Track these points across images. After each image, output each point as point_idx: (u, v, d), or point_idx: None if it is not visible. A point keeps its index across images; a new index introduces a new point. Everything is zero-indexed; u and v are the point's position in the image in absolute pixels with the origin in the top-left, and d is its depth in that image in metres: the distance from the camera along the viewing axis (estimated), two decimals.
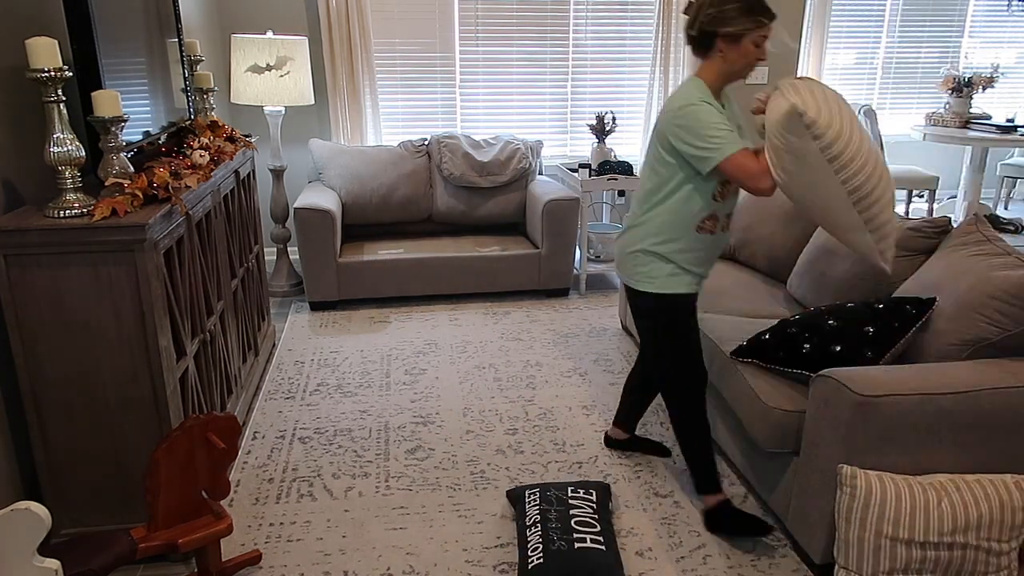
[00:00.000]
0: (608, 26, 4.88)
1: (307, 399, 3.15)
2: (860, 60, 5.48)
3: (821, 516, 2.05)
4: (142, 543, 1.86)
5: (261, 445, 2.80)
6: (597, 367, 3.46)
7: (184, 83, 2.92)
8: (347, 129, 4.62)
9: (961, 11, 5.47)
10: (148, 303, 1.96)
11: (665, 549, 2.24)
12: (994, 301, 2.06)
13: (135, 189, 1.99)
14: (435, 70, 4.79)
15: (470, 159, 4.41)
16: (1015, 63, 5.74)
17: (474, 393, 3.21)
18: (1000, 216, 5.67)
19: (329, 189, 4.32)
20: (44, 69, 1.81)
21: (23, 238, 1.85)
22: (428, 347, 3.67)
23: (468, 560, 2.19)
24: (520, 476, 2.60)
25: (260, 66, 3.93)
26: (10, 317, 1.91)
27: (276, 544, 2.25)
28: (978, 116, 5.24)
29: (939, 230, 2.46)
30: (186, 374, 2.28)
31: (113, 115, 1.98)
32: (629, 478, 2.60)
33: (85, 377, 2.00)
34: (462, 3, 4.68)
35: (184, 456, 1.93)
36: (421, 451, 2.76)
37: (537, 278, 4.26)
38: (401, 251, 4.19)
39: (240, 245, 3.11)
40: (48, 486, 2.08)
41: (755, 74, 5.06)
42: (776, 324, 2.38)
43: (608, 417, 3.00)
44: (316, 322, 3.99)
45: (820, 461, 2.03)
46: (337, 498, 2.48)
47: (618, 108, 5.03)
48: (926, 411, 1.93)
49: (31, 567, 1.48)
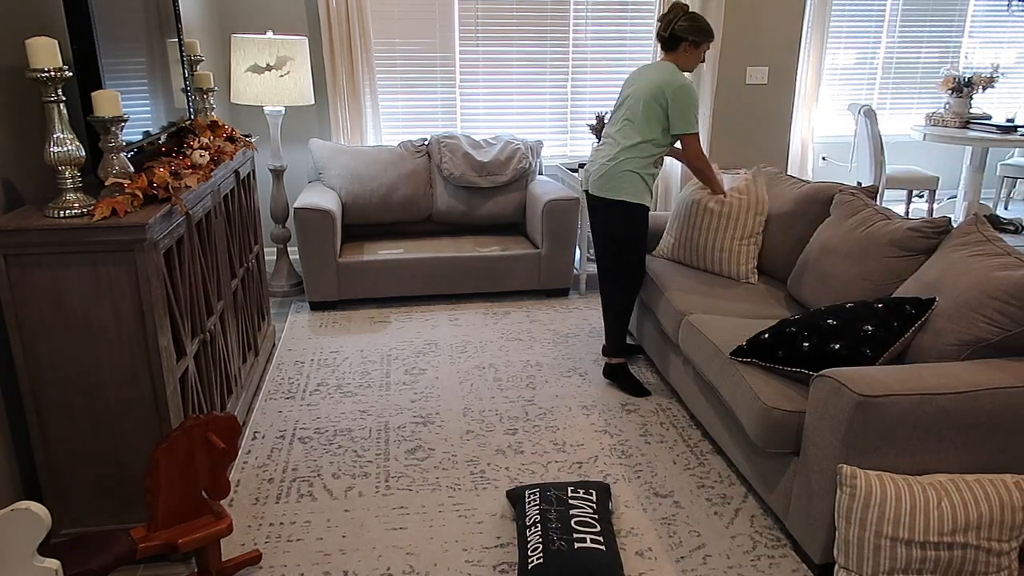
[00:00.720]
0: (608, 26, 4.88)
1: (307, 399, 3.15)
2: (860, 60, 5.48)
3: (821, 516, 2.05)
4: (142, 543, 1.86)
5: (261, 445, 2.80)
6: (597, 367, 3.46)
7: (184, 83, 2.92)
8: (347, 129, 4.62)
9: (961, 11, 5.48)
10: (148, 303, 1.96)
11: (665, 549, 2.24)
12: (994, 301, 2.07)
13: (135, 189, 1.99)
14: (435, 70, 4.79)
15: (470, 159, 4.41)
16: (1015, 63, 5.74)
17: (474, 393, 3.21)
18: (1000, 216, 5.67)
19: (329, 189, 4.32)
20: (44, 69, 1.81)
21: (23, 238, 1.85)
22: (428, 347, 3.67)
23: (468, 560, 2.19)
24: (520, 476, 2.60)
25: (260, 66, 3.93)
26: (10, 317, 1.91)
27: (276, 544, 2.26)
28: (978, 116, 5.24)
29: (939, 230, 2.45)
30: (186, 374, 2.28)
31: (113, 115, 1.97)
32: (629, 478, 2.60)
33: (85, 377, 2.00)
34: (462, 3, 4.68)
35: (184, 456, 1.93)
36: (421, 451, 2.76)
37: (537, 278, 4.26)
38: (401, 251, 4.19)
39: (240, 245, 3.11)
40: (48, 486, 2.08)
41: (755, 74, 5.06)
42: (775, 324, 2.38)
43: (608, 417, 3.00)
44: (316, 322, 3.99)
45: (820, 461, 2.03)
46: (337, 498, 2.48)
47: None
48: (926, 411, 1.93)
49: (31, 567, 1.48)
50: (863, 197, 2.91)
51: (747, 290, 3.15)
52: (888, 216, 2.71)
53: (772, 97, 5.16)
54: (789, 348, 2.29)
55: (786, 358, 2.30)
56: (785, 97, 5.17)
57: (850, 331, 2.21)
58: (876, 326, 2.19)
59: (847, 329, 2.22)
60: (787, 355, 2.30)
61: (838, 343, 2.21)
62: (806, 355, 2.25)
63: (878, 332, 2.18)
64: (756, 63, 5.07)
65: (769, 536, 2.31)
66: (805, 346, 2.26)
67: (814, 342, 2.24)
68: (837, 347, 2.20)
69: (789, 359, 2.29)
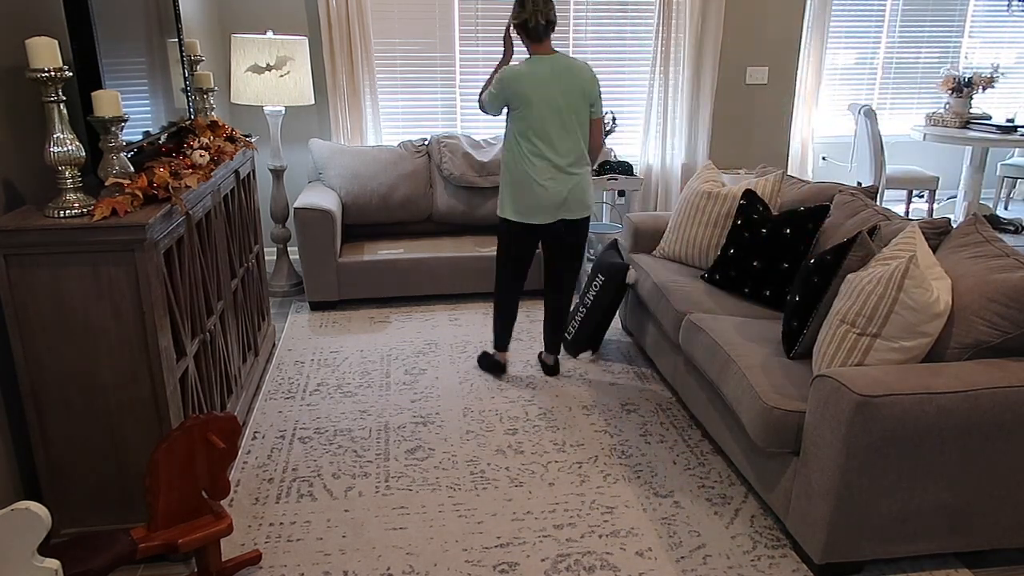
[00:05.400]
0: (608, 26, 4.88)
1: (307, 399, 3.15)
2: (860, 60, 5.47)
3: (821, 516, 2.05)
4: (142, 543, 1.86)
5: (261, 445, 2.80)
6: (597, 367, 3.46)
7: (184, 83, 2.92)
8: (347, 129, 4.62)
9: (961, 11, 5.47)
10: (148, 303, 1.96)
11: (665, 549, 2.24)
12: (993, 304, 2.06)
13: (135, 189, 1.99)
14: (435, 70, 4.79)
15: (470, 159, 4.41)
16: (1015, 63, 5.74)
17: (474, 393, 3.21)
18: (1000, 216, 5.67)
19: (329, 189, 4.32)
20: (44, 69, 1.81)
21: (23, 238, 1.85)
22: (428, 347, 3.67)
23: (468, 560, 2.19)
24: (520, 476, 2.60)
25: (260, 66, 3.93)
26: (10, 317, 1.91)
27: (276, 544, 2.26)
28: (978, 116, 5.24)
29: (939, 231, 2.45)
30: (186, 374, 2.28)
31: (113, 115, 1.97)
32: (629, 478, 2.60)
33: (85, 377, 2.00)
34: (462, 3, 4.68)
35: (184, 456, 1.93)
36: (421, 451, 2.76)
37: (537, 278, 4.26)
38: (401, 251, 4.19)
39: (240, 245, 3.11)
40: (48, 486, 2.08)
41: (755, 74, 5.06)
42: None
43: (608, 417, 3.00)
44: (316, 322, 3.99)
45: (820, 461, 2.03)
46: (337, 498, 2.48)
47: (618, 108, 5.03)
48: (926, 411, 1.93)
49: (31, 567, 1.48)
50: (863, 197, 2.91)
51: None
52: (888, 216, 2.71)
53: (772, 97, 5.16)
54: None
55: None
56: (785, 97, 5.17)
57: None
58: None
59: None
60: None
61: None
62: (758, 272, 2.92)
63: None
64: (756, 63, 5.07)
65: (769, 536, 2.31)
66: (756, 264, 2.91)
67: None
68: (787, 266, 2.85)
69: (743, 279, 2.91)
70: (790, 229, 2.93)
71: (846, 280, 2.29)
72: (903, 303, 2.07)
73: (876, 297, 2.12)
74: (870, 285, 2.15)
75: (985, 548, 2.14)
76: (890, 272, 2.10)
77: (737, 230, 3.09)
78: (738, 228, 3.09)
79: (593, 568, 2.16)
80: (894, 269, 2.09)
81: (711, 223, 3.29)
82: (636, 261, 3.53)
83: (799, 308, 2.47)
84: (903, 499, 2.03)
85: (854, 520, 2.03)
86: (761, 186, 3.25)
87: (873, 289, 2.14)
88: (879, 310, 2.11)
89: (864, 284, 2.18)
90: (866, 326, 2.14)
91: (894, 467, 1.98)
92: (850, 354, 2.17)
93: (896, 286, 2.07)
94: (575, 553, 2.22)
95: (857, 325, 2.16)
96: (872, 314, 2.12)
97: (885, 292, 2.10)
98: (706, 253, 3.33)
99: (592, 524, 2.35)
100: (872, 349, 2.13)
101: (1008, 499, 2.08)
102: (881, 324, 2.11)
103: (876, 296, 2.12)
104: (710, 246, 3.31)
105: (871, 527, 2.05)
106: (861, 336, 2.15)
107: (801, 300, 2.47)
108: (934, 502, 2.04)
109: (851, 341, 2.17)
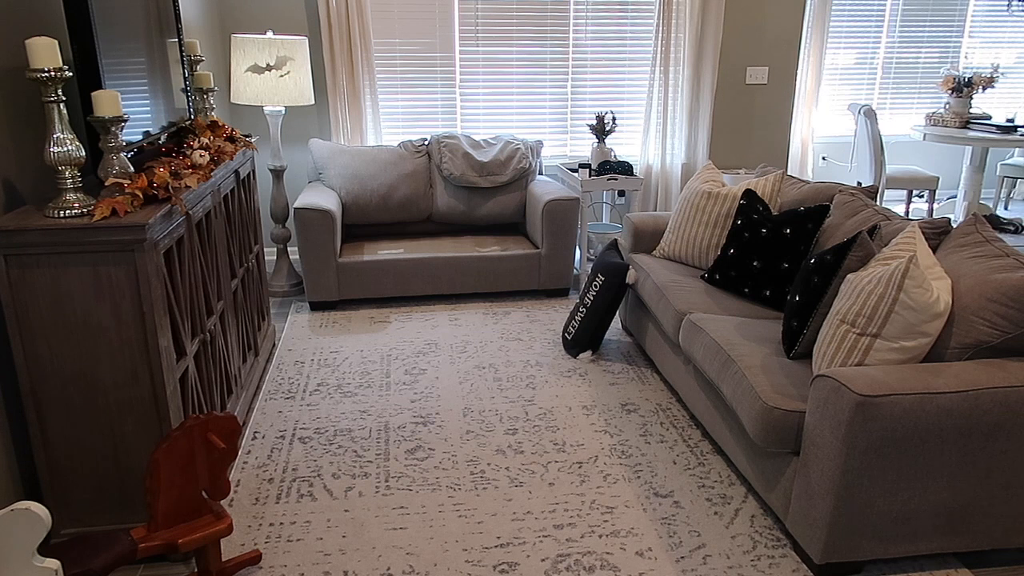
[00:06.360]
0: (608, 26, 4.88)
1: (307, 399, 3.15)
2: (860, 60, 5.47)
3: (821, 516, 2.05)
4: (142, 543, 1.86)
5: (261, 445, 2.80)
6: (597, 367, 3.46)
7: (184, 83, 2.92)
8: (347, 129, 4.62)
9: (961, 11, 5.47)
10: (148, 303, 1.96)
11: (665, 549, 2.24)
12: (993, 304, 2.06)
13: (135, 189, 1.99)
14: (435, 70, 4.79)
15: (470, 159, 4.41)
16: (1015, 63, 5.74)
17: (474, 393, 3.21)
18: (1000, 216, 5.67)
19: (329, 189, 4.32)
20: (44, 69, 1.81)
21: (23, 238, 1.85)
22: (428, 347, 3.67)
23: (468, 560, 2.19)
24: (520, 476, 2.60)
25: (260, 66, 3.93)
26: (10, 317, 1.91)
27: (276, 544, 2.26)
28: (978, 116, 5.24)
29: (939, 231, 2.45)
30: (186, 374, 2.28)
31: (113, 115, 1.98)
32: (629, 478, 2.60)
33: (85, 377, 2.00)
34: (462, 3, 4.68)
35: (184, 456, 1.93)
36: (421, 451, 2.76)
37: (537, 278, 4.26)
38: (401, 251, 4.19)
39: (240, 245, 3.11)
40: (48, 486, 2.08)
41: (755, 74, 5.06)
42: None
43: (608, 417, 3.00)
44: (316, 322, 3.99)
45: (820, 461, 2.03)
46: (337, 498, 2.48)
47: (618, 108, 5.03)
48: (926, 411, 1.93)
49: (31, 567, 1.48)
50: (863, 197, 2.91)
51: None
52: (888, 216, 2.71)
53: (772, 97, 5.16)
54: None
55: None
56: (785, 97, 5.17)
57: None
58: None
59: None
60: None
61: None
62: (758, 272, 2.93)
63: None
64: (756, 63, 5.07)
65: (769, 536, 2.31)
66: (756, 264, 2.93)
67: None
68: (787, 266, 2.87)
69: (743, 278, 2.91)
70: (790, 229, 2.92)
71: (846, 280, 2.29)
72: (903, 303, 2.07)
73: (876, 297, 2.12)
74: (870, 285, 2.16)
75: (985, 548, 2.14)
76: (890, 272, 2.10)
77: (737, 230, 3.09)
78: (738, 228, 3.09)
79: (593, 568, 2.16)
80: (894, 269, 2.10)
81: (711, 223, 3.30)
82: (636, 261, 3.53)
83: (799, 308, 2.47)
84: (903, 499, 2.03)
85: (854, 520, 2.03)
86: (761, 186, 3.25)
87: (873, 289, 2.14)
88: (879, 310, 2.11)
89: (864, 284, 2.18)
90: (866, 326, 2.14)
91: (894, 467, 1.98)
92: (850, 354, 2.17)
93: (896, 286, 2.08)
94: (575, 553, 2.22)
95: (857, 325, 2.16)
96: (872, 314, 2.12)
97: (885, 292, 2.10)
98: (706, 253, 3.33)
99: (592, 524, 2.35)
100: (872, 349, 2.13)
101: (1008, 499, 2.08)
102: (881, 324, 2.11)
103: (876, 296, 2.12)
104: (710, 246, 3.31)
105: (871, 527, 2.05)
106: (861, 336, 2.15)
107: (801, 300, 2.47)
108: (934, 502, 2.04)
109: (851, 341, 2.17)
